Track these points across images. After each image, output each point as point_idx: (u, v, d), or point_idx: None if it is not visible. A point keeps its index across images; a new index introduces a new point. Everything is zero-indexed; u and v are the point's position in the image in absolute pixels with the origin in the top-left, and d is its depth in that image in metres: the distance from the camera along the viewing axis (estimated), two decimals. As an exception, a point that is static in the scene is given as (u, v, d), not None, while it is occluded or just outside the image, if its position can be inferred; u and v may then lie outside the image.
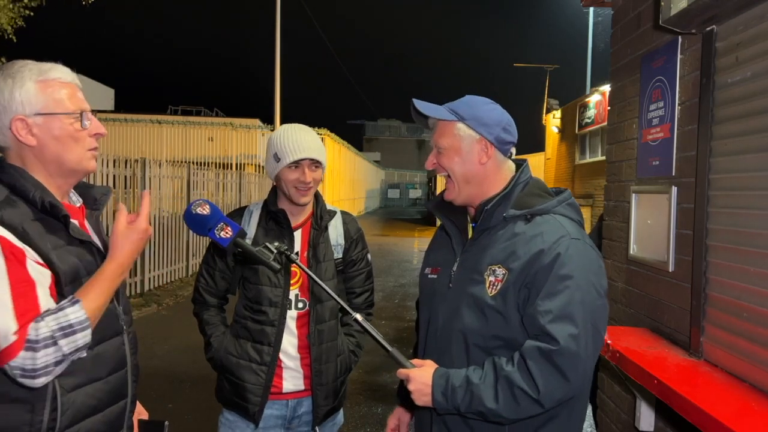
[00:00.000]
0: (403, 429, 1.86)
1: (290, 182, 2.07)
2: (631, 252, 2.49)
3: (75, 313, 1.29)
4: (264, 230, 2.12)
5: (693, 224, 2.00)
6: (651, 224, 2.33)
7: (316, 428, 2.18)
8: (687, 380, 1.76)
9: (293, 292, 2.12)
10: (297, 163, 2.06)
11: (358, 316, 1.58)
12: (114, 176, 8.17)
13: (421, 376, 1.48)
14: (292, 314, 2.12)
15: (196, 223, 1.74)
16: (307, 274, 1.73)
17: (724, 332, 1.84)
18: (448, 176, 1.61)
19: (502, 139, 1.59)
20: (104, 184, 7.93)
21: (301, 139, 2.07)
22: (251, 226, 2.15)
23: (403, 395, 1.88)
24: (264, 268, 2.04)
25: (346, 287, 2.28)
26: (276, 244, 1.75)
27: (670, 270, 2.15)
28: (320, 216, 2.20)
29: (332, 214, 2.24)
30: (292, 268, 2.11)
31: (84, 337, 1.30)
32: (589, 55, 22.82)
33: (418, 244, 17.55)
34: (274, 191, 2.19)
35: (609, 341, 2.12)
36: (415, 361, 1.54)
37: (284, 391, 2.12)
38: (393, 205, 52.84)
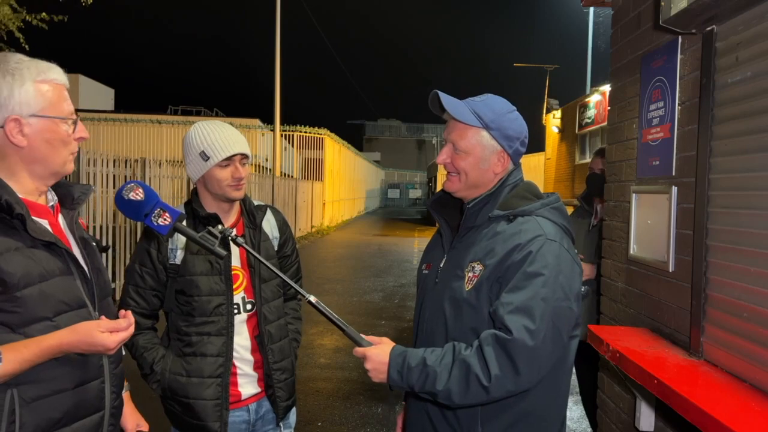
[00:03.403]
0: None
1: (222, 180, 1.99)
2: (631, 252, 2.49)
3: None
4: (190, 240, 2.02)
5: (693, 224, 2.00)
6: (651, 224, 2.33)
7: (281, 424, 2.17)
8: (687, 380, 1.76)
9: (239, 296, 2.06)
10: (229, 160, 1.99)
11: (312, 298, 1.53)
12: (114, 176, 8.17)
13: (377, 355, 1.51)
14: (242, 318, 2.06)
15: (129, 209, 1.54)
16: (257, 258, 1.63)
17: (724, 332, 1.84)
18: (457, 173, 1.63)
19: (519, 152, 1.64)
20: (104, 184, 7.93)
21: (228, 135, 2.00)
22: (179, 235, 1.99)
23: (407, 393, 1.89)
24: (202, 278, 1.98)
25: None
26: (219, 227, 1.62)
27: (670, 270, 2.15)
28: (252, 214, 2.13)
29: (263, 209, 2.19)
30: (233, 272, 2.04)
31: None
32: (589, 55, 22.81)
33: (418, 244, 17.54)
34: (196, 193, 2.08)
35: (609, 341, 2.12)
36: (371, 338, 1.56)
37: (243, 397, 2.08)
38: (393, 205, 52.83)
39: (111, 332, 1.36)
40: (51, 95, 1.39)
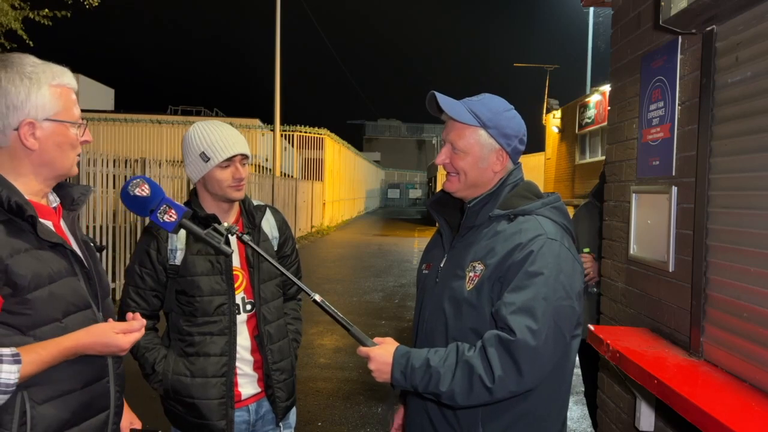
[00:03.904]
0: None
1: (223, 180, 1.99)
2: (631, 252, 2.48)
3: (7, 374, 1.20)
4: (195, 238, 1.98)
5: (693, 224, 2.00)
6: (651, 224, 2.33)
7: (280, 425, 2.17)
8: (687, 380, 1.76)
9: (239, 296, 2.06)
10: (229, 160, 1.99)
11: (317, 297, 1.53)
12: (114, 176, 8.16)
13: (381, 355, 1.51)
14: (242, 318, 2.06)
15: (135, 205, 1.55)
16: (262, 255, 1.63)
17: (724, 332, 1.84)
18: (456, 173, 1.64)
19: (518, 150, 1.65)
20: (104, 184, 7.92)
21: (228, 136, 2.00)
22: (180, 235, 2.00)
23: (404, 392, 1.90)
24: (203, 278, 1.98)
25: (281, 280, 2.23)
26: (225, 224, 1.62)
27: (670, 270, 2.14)
28: (252, 214, 2.13)
29: (262, 209, 2.18)
30: (234, 272, 2.04)
31: (2, 396, 1.21)
32: (589, 55, 22.82)
33: (418, 244, 17.54)
34: (195, 193, 2.09)
35: (609, 341, 2.12)
36: (376, 339, 1.57)
37: (244, 397, 2.08)
38: (393, 205, 52.83)
39: (124, 333, 1.39)
40: (64, 100, 1.40)
